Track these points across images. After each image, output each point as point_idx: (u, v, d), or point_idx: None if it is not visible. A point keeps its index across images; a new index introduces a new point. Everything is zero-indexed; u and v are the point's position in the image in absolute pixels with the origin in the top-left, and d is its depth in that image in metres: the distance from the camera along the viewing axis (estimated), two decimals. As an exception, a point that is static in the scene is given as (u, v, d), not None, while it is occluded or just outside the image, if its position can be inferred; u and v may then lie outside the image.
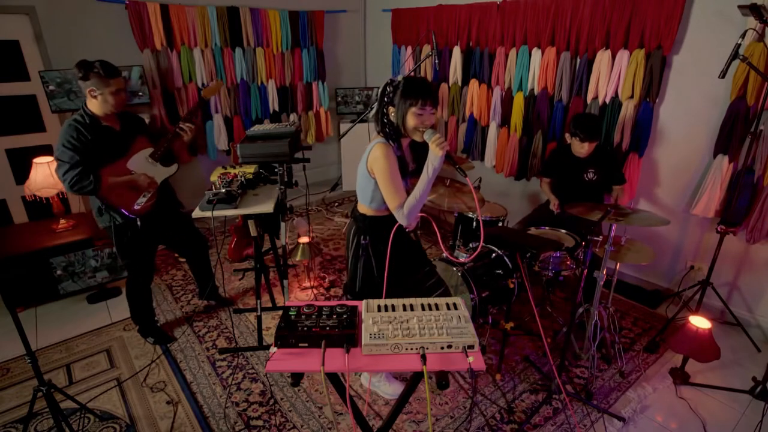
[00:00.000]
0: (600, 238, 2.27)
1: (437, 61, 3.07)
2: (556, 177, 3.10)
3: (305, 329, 1.30)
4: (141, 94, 3.62)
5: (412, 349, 1.27)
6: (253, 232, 2.63)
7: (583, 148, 2.79)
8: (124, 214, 2.31)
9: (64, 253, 2.89)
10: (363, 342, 1.27)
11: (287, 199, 2.49)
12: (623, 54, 2.93)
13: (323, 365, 1.21)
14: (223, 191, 2.35)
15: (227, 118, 4.21)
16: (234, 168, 2.67)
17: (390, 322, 1.34)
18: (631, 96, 2.97)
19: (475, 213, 2.87)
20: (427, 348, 1.27)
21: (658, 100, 2.92)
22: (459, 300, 1.46)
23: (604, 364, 2.53)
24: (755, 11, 2.17)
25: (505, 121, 3.76)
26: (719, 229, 2.55)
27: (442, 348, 1.28)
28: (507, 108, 3.70)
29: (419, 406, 2.23)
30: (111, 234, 2.35)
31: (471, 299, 2.51)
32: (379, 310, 1.41)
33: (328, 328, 1.30)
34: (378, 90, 2.02)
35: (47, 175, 2.99)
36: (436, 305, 1.43)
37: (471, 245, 2.87)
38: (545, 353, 2.55)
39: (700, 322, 2.14)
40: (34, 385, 1.81)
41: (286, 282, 2.74)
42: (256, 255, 2.72)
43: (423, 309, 1.41)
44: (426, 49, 4.24)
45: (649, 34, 2.79)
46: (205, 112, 4.09)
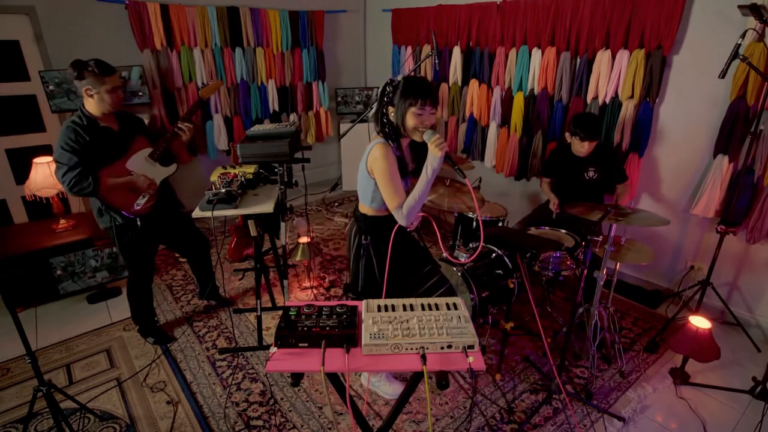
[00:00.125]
0: (600, 238, 2.27)
1: (437, 61, 3.07)
2: (556, 177, 3.10)
3: (305, 329, 1.30)
4: (141, 94, 3.62)
5: (412, 349, 1.27)
6: (253, 232, 2.63)
7: (583, 147, 2.79)
8: (124, 214, 2.32)
9: (64, 253, 2.89)
10: (363, 342, 1.27)
11: (287, 199, 2.49)
12: (623, 54, 2.93)
13: (323, 365, 1.21)
14: (223, 191, 2.35)
15: (227, 118, 4.21)
16: (234, 168, 2.67)
17: (390, 322, 1.34)
18: (631, 96, 2.97)
19: (475, 213, 2.87)
20: (427, 348, 1.27)
21: (658, 100, 2.92)
22: (459, 300, 1.46)
23: (604, 364, 2.53)
24: (755, 11, 2.17)
25: (505, 121, 3.76)
26: (719, 229, 2.55)
27: (442, 348, 1.28)
28: (507, 108, 3.70)
29: (419, 406, 2.23)
30: (112, 234, 2.36)
31: (471, 299, 2.51)
32: (379, 310, 1.41)
33: (328, 328, 1.30)
34: (378, 90, 2.02)
35: (47, 175, 2.99)
36: (436, 305, 1.43)
37: (471, 245, 2.87)
38: (545, 353, 2.55)
39: (700, 322, 2.14)
40: (34, 385, 1.81)
41: (286, 282, 2.74)
42: (256, 255, 2.72)
43: (423, 309, 1.41)
44: (426, 49, 4.24)
45: (649, 34, 2.79)
46: (205, 112, 4.09)
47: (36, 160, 3.03)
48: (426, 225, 2.25)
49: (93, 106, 2.19)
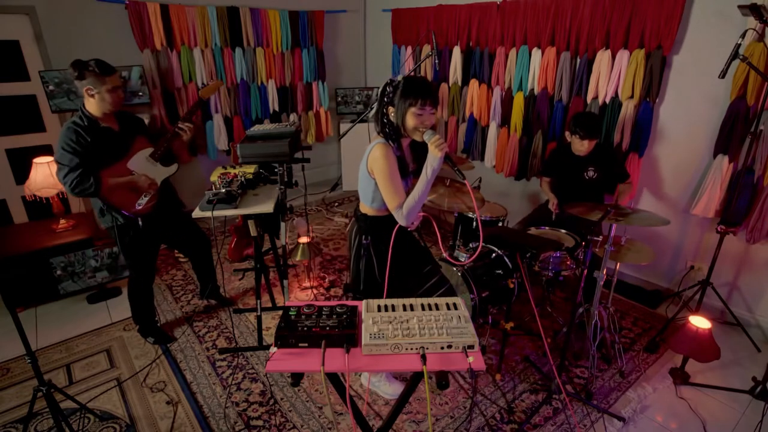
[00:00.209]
0: (600, 238, 2.27)
1: (437, 61, 3.07)
2: (556, 176, 3.10)
3: (305, 329, 1.30)
4: (141, 94, 3.62)
5: (412, 349, 1.27)
6: (253, 232, 2.63)
7: (583, 146, 2.79)
8: (125, 214, 2.32)
9: (64, 253, 2.89)
10: (363, 342, 1.27)
11: (287, 199, 2.49)
12: (623, 54, 2.93)
13: (323, 365, 1.21)
14: (223, 191, 2.35)
15: (227, 118, 4.21)
16: (234, 168, 2.67)
17: (390, 322, 1.34)
18: (631, 96, 2.97)
19: (475, 213, 2.87)
20: (427, 348, 1.27)
21: (658, 100, 2.92)
22: (459, 300, 1.46)
23: (604, 364, 2.53)
24: (755, 11, 2.17)
25: (505, 121, 3.76)
26: (719, 229, 2.55)
27: (442, 348, 1.28)
28: (507, 108, 3.70)
29: (419, 406, 2.23)
30: (114, 234, 2.36)
31: (471, 299, 2.51)
32: (379, 310, 1.41)
33: (328, 328, 1.30)
34: (378, 90, 2.02)
35: (47, 175, 2.99)
36: (436, 305, 1.43)
37: (471, 245, 2.87)
38: (545, 353, 2.55)
39: (700, 322, 2.14)
40: (34, 385, 1.81)
41: (286, 282, 2.74)
42: (256, 255, 2.72)
43: (423, 309, 1.41)
44: (426, 49, 4.24)
45: (649, 34, 2.79)
46: (205, 112, 4.09)
47: (36, 160, 3.03)
48: (426, 225, 2.25)
49: (94, 106, 2.19)
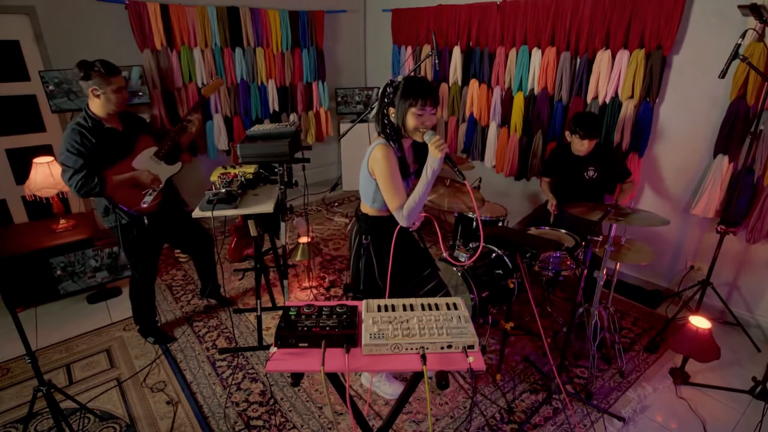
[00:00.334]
0: (600, 238, 2.27)
1: (437, 61, 3.07)
2: (556, 176, 3.10)
3: (305, 329, 1.30)
4: (141, 94, 3.62)
5: (412, 349, 1.27)
6: (253, 232, 2.63)
7: (583, 145, 2.79)
8: (130, 212, 2.32)
9: (64, 253, 2.89)
10: (363, 342, 1.27)
11: (287, 199, 2.49)
12: (623, 54, 2.93)
13: (323, 365, 1.21)
14: (223, 191, 2.35)
15: (227, 118, 4.21)
16: (234, 168, 2.67)
17: (390, 322, 1.34)
18: (631, 96, 2.97)
19: (475, 213, 2.87)
20: (427, 348, 1.26)
21: (658, 100, 2.92)
22: (459, 300, 1.46)
23: (604, 364, 2.53)
24: (755, 11, 2.17)
25: (505, 121, 3.76)
26: (719, 229, 2.55)
27: (442, 348, 1.28)
28: (507, 108, 3.70)
29: (419, 406, 2.23)
30: (117, 233, 2.36)
31: (471, 299, 2.51)
32: (379, 310, 1.41)
33: (328, 328, 1.30)
34: (378, 90, 2.02)
35: (47, 175, 2.99)
36: (436, 305, 1.43)
37: (471, 245, 2.87)
38: (545, 353, 2.55)
39: (700, 322, 2.14)
40: (34, 385, 1.81)
41: (286, 282, 2.74)
42: (256, 255, 2.72)
43: (423, 309, 1.41)
44: (426, 49, 4.24)
45: (649, 34, 2.79)
46: (205, 111, 4.09)
47: (36, 160, 3.03)
48: (427, 225, 2.24)
49: (98, 106, 2.20)
